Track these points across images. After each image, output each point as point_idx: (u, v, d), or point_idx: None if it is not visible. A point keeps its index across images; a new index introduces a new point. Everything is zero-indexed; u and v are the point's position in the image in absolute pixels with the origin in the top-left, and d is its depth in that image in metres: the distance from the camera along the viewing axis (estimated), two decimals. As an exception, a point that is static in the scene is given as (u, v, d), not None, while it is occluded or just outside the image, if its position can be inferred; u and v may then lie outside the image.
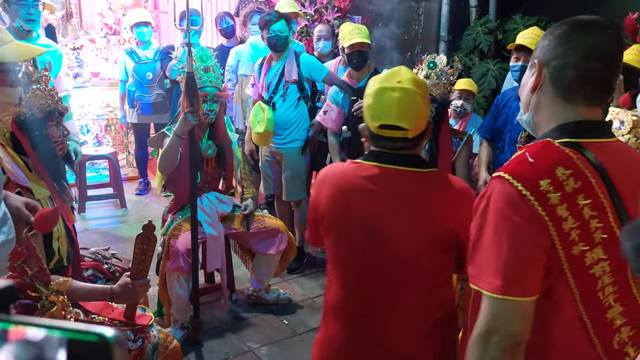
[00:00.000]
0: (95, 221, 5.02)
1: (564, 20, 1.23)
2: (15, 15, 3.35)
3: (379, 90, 1.53)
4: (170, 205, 3.32)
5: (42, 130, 2.01)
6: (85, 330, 0.38)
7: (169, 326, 3.09)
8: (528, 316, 1.11)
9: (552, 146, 1.16)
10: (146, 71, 5.26)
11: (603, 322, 1.14)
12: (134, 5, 6.94)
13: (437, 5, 5.90)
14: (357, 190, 1.56)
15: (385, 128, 1.52)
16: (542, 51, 1.21)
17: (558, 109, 1.20)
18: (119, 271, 2.48)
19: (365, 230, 1.54)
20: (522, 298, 1.10)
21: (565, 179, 1.11)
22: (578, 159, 1.14)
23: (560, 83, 1.19)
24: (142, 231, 1.99)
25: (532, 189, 1.10)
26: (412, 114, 1.51)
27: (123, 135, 6.12)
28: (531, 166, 1.14)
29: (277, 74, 3.79)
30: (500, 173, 1.15)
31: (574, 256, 1.11)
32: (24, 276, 0.98)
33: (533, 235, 1.11)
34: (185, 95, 2.94)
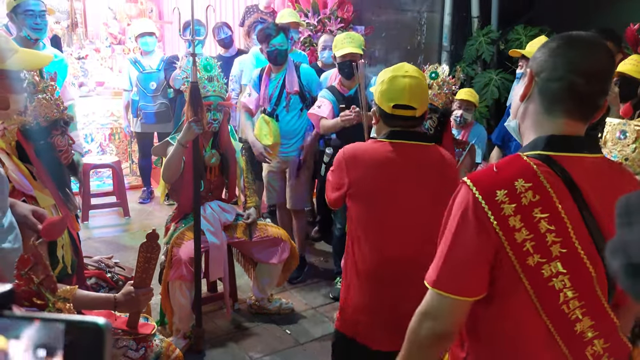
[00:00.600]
0: (98, 230, 5.03)
1: (560, 34, 1.25)
2: (22, 25, 3.38)
3: (392, 78, 1.94)
4: (174, 214, 3.33)
5: (47, 139, 2.02)
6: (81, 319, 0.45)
7: (171, 335, 3.09)
8: (458, 313, 1.20)
9: (519, 159, 1.20)
10: (150, 81, 5.29)
11: (572, 335, 1.16)
12: (138, 15, 7.00)
13: (439, 16, 5.93)
14: (386, 164, 1.93)
15: (399, 108, 1.91)
16: (535, 62, 1.24)
17: (541, 120, 1.23)
18: (122, 280, 2.49)
19: (395, 196, 1.93)
20: (453, 295, 1.18)
21: (524, 191, 1.14)
22: (542, 172, 1.16)
23: (545, 94, 1.21)
24: (145, 240, 2.00)
25: (488, 197, 1.15)
26: (420, 96, 1.94)
27: (127, 144, 6.15)
28: (493, 176, 1.18)
29: (277, 85, 3.82)
30: (465, 178, 1.21)
31: (529, 267, 1.14)
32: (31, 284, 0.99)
33: (480, 242, 1.16)
34: (189, 104, 2.96)
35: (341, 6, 5.35)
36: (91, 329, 0.45)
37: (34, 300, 0.99)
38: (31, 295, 0.99)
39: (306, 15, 5.39)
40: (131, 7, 7.11)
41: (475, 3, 5.85)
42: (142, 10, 7.15)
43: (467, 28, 5.97)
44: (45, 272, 1.00)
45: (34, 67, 1.90)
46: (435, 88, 2.92)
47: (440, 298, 1.19)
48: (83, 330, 0.44)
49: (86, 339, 0.44)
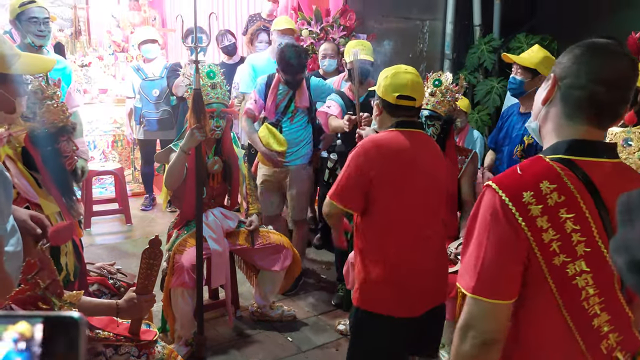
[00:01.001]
0: (100, 236, 5.04)
1: (585, 40, 1.28)
2: (27, 32, 3.40)
3: (395, 73, 2.24)
4: (176, 221, 3.33)
5: (54, 145, 2.03)
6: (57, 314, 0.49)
7: (173, 342, 3.08)
8: (500, 318, 1.20)
9: (541, 161, 1.23)
10: (152, 88, 5.31)
11: (589, 329, 1.19)
12: (142, 23, 7.04)
13: (441, 24, 5.95)
14: (403, 150, 2.18)
15: (402, 99, 2.18)
16: (560, 67, 1.26)
17: (562, 124, 1.25)
18: (124, 286, 2.49)
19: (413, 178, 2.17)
20: (493, 300, 1.18)
21: (549, 192, 1.17)
22: (566, 174, 1.19)
23: (567, 100, 1.23)
24: (148, 246, 2.00)
25: (515, 199, 1.17)
26: (419, 89, 2.25)
27: (129, 152, 6.17)
28: (518, 178, 1.21)
29: (285, 97, 3.79)
30: (490, 182, 1.22)
31: (555, 266, 1.17)
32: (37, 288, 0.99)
33: (511, 243, 1.17)
34: (192, 111, 2.97)
35: (344, 14, 5.36)
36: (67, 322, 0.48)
37: (39, 304, 0.99)
38: (37, 300, 0.99)
39: (309, 23, 5.41)
40: (134, 15, 7.16)
41: (478, 11, 5.87)
42: (145, 18, 7.19)
43: (469, 36, 5.98)
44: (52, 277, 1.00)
45: (39, 71, 1.91)
46: (439, 96, 2.92)
47: (482, 305, 1.19)
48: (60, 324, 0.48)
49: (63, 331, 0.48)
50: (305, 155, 3.90)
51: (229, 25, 6.33)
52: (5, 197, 1.52)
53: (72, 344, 0.47)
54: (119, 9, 7.02)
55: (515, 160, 3.12)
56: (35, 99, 2.03)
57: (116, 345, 2.00)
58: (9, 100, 1.61)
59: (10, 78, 1.61)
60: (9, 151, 1.97)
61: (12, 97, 1.62)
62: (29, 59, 1.74)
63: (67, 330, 0.48)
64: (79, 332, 0.48)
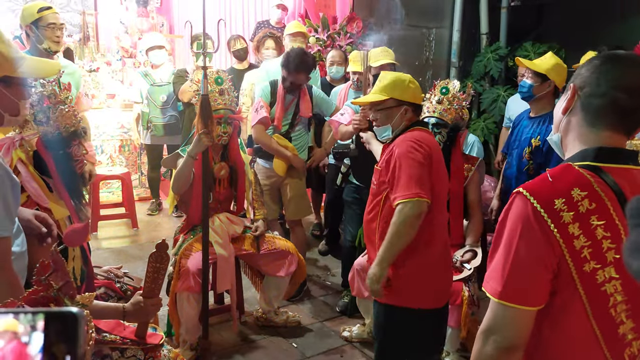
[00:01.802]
0: (107, 240, 5.06)
1: (604, 52, 1.32)
2: (44, 37, 3.43)
3: (411, 78, 2.41)
4: (182, 225, 3.35)
5: (65, 149, 2.06)
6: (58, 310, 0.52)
7: (178, 347, 3.09)
8: (525, 324, 1.21)
9: (571, 169, 1.23)
10: (160, 93, 5.34)
11: (615, 337, 1.19)
12: (150, 29, 7.09)
13: (448, 32, 5.97)
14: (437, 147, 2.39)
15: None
16: (579, 77, 1.28)
17: (584, 133, 1.26)
18: (130, 290, 2.50)
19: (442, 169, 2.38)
20: (520, 306, 1.19)
21: (580, 199, 1.17)
22: (596, 182, 1.19)
23: (588, 109, 1.25)
24: (155, 250, 2.01)
25: (547, 206, 1.17)
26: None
27: (136, 156, 6.20)
28: (549, 185, 1.21)
29: (290, 107, 3.82)
30: (520, 189, 1.22)
31: (585, 273, 1.17)
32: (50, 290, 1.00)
33: (542, 251, 1.18)
34: (199, 117, 2.99)
35: (350, 22, 5.39)
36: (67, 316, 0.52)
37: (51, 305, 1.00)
38: (49, 301, 1.00)
39: (316, 31, 5.45)
40: (142, 21, 7.21)
41: (484, 20, 5.89)
42: (153, 25, 7.24)
43: (475, 44, 6.00)
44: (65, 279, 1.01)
45: (44, 75, 1.93)
46: (446, 103, 2.93)
47: (506, 310, 1.19)
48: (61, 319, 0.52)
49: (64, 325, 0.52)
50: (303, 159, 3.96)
51: (236, 32, 6.37)
52: (13, 199, 1.54)
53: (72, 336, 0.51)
54: (127, 15, 7.06)
55: (524, 163, 3.13)
56: (48, 103, 2.05)
57: (122, 349, 2.01)
58: (14, 102, 1.63)
59: (15, 81, 1.63)
60: (21, 155, 1.99)
61: (16, 99, 1.63)
62: (34, 62, 1.76)
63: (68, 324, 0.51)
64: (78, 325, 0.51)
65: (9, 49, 1.61)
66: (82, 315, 0.52)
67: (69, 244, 1.79)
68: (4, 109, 1.61)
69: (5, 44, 1.61)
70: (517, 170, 3.19)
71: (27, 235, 1.81)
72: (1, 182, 1.51)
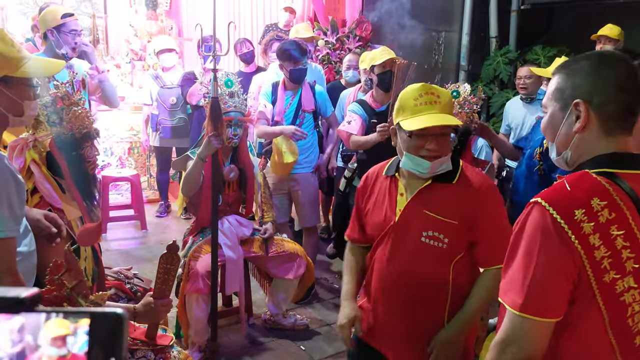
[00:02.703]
0: (116, 242, 5.08)
1: (580, 56, 1.26)
2: (65, 43, 3.47)
3: None
4: (192, 227, 3.36)
5: (78, 150, 2.07)
6: (102, 311, 0.52)
7: (187, 348, 3.09)
8: (543, 335, 1.19)
9: (589, 177, 1.20)
10: (170, 96, 5.37)
11: (631, 347, 1.18)
12: (159, 32, 7.12)
13: (457, 35, 5.97)
14: None
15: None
16: (580, 90, 1.23)
17: (598, 141, 1.23)
18: (140, 291, 2.51)
19: None
20: (540, 318, 1.17)
21: (600, 209, 1.15)
22: (614, 190, 1.17)
23: (603, 117, 1.22)
24: (166, 251, 2.01)
25: (567, 217, 1.15)
26: None
27: (145, 158, 6.23)
28: (568, 195, 1.18)
29: (292, 102, 3.82)
30: (538, 199, 1.19)
31: (605, 283, 1.15)
32: (63, 289, 1.01)
33: (562, 262, 1.15)
34: (209, 119, 3.00)
35: (360, 25, 5.40)
36: (112, 317, 0.51)
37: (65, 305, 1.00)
38: (62, 300, 1.01)
39: (325, 34, 5.46)
40: (152, 24, 7.24)
41: (494, 23, 5.88)
42: (162, 28, 7.27)
43: (485, 48, 5.99)
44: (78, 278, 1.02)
45: (47, 73, 1.93)
46: (456, 107, 2.92)
47: (526, 322, 1.17)
48: (105, 319, 0.51)
49: (108, 326, 0.51)
50: (312, 162, 3.94)
51: (245, 35, 6.39)
52: (18, 200, 1.54)
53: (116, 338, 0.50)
54: (136, 18, 7.10)
55: (535, 163, 3.10)
56: (62, 104, 2.07)
57: (132, 349, 2.02)
58: (17, 103, 1.62)
59: (18, 81, 1.62)
60: (35, 155, 2.01)
61: (20, 100, 1.63)
62: (37, 62, 1.75)
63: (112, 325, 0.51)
64: (123, 327, 0.51)
65: (10, 49, 1.60)
66: (127, 316, 0.52)
67: (82, 243, 1.81)
68: (6, 110, 1.61)
69: (6, 43, 1.60)
70: (527, 169, 3.17)
71: (37, 235, 1.82)
72: (6, 182, 1.51)
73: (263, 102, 3.86)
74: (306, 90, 3.85)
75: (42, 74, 1.91)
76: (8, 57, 1.59)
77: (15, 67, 1.61)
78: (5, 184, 1.52)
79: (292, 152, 3.69)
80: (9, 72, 1.60)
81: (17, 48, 1.65)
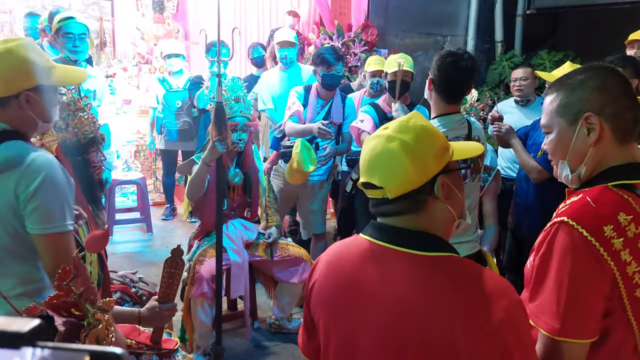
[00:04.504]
0: (121, 245, 5.10)
1: (575, 71, 1.27)
2: (63, 47, 3.51)
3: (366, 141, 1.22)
4: (197, 231, 3.37)
5: (84, 155, 2.09)
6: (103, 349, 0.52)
7: (191, 352, 3.10)
8: (581, 356, 1.17)
9: (610, 191, 1.20)
10: (175, 99, 5.41)
11: None
12: (165, 35, 7.16)
13: (462, 40, 5.97)
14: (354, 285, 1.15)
15: (365, 187, 1.19)
16: (588, 103, 1.23)
17: (611, 152, 1.23)
18: (145, 295, 2.52)
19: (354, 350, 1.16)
20: (577, 340, 1.15)
21: (627, 224, 1.15)
22: (636, 202, 1.17)
23: (618, 128, 1.22)
24: (170, 255, 2.02)
25: (597, 235, 1.14)
26: (383, 166, 1.13)
27: (151, 162, 6.25)
28: (594, 212, 1.17)
29: (321, 111, 3.75)
30: (564, 218, 1.18)
31: (636, 298, 1.15)
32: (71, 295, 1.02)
33: (595, 280, 1.14)
34: (214, 124, 3.01)
35: (365, 29, 5.42)
36: (111, 357, 0.51)
37: (72, 310, 1.02)
38: (70, 306, 1.02)
39: (330, 38, 5.47)
40: (158, 27, 7.28)
41: (499, 27, 5.88)
42: (169, 31, 7.31)
43: (490, 52, 5.99)
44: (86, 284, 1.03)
45: (72, 82, 1.98)
46: (463, 113, 2.92)
47: (564, 345, 1.15)
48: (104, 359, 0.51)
49: None
50: (327, 170, 3.91)
51: (251, 40, 6.41)
52: (72, 198, 1.69)
53: None
54: (143, 22, 7.14)
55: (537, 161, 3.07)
56: (68, 110, 2.09)
57: (138, 353, 2.03)
58: (46, 110, 1.69)
59: (46, 89, 1.68)
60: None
61: (48, 107, 1.69)
62: (64, 71, 1.82)
63: None
64: None
65: (41, 59, 1.67)
66: (126, 356, 0.52)
67: (89, 250, 1.83)
68: (37, 116, 1.68)
69: (37, 53, 1.66)
70: None
71: None
72: (65, 183, 1.65)
73: (294, 100, 3.75)
74: (337, 102, 3.76)
75: (70, 82, 1.98)
76: (40, 67, 1.66)
77: (46, 77, 1.67)
78: (65, 184, 1.65)
79: (312, 161, 3.58)
80: (40, 81, 1.65)
81: (46, 58, 1.71)
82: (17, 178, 1.57)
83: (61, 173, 1.65)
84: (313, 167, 3.57)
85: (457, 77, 2.36)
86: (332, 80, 3.63)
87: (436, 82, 2.37)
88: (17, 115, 1.64)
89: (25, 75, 1.63)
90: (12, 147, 1.62)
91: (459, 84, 2.38)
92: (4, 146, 1.61)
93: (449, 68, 2.34)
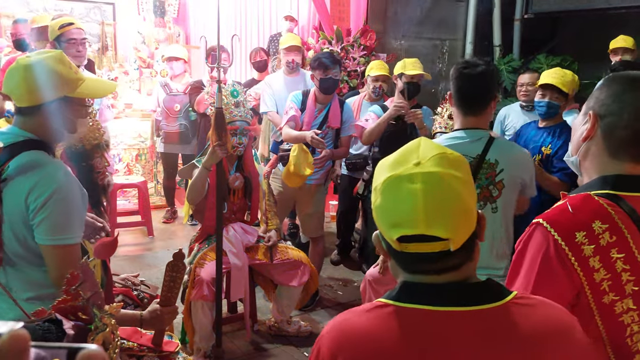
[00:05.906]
0: (122, 248, 5.12)
1: (620, 74, 1.29)
2: (66, 53, 3.54)
3: (391, 182, 0.98)
4: (197, 235, 3.41)
5: (88, 161, 2.14)
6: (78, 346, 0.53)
7: (192, 354, 3.14)
8: None
9: (591, 200, 1.22)
10: (174, 103, 5.47)
11: None
12: (166, 39, 7.21)
13: (461, 44, 6.01)
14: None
15: (411, 241, 0.96)
16: (598, 104, 1.26)
17: (605, 161, 1.26)
18: (147, 298, 2.56)
19: None
20: None
21: (601, 232, 1.18)
22: (616, 213, 1.19)
23: (611, 139, 1.24)
24: (172, 259, 2.06)
25: (568, 239, 1.17)
26: (448, 211, 0.93)
27: (152, 165, 6.30)
28: (570, 217, 1.20)
29: (318, 116, 3.78)
30: (540, 220, 1.22)
31: (604, 304, 1.18)
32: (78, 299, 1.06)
33: (561, 283, 1.18)
34: (214, 129, 3.05)
35: (364, 34, 5.46)
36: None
37: (79, 315, 1.06)
38: (77, 310, 1.06)
39: (329, 43, 5.51)
40: (159, 31, 7.32)
41: (497, 31, 5.92)
42: (170, 35, 7.35)
43: (488, 56, 6.03)
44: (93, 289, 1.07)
45: (101, 95, 2.04)
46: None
47: None
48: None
49: None
50: (324, 173, 3.95)
51: (251, 44, 6.46)
52: (84, 210, 1.73)
53: None
54: (144, 26, 7.19)
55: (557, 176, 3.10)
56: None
57: (139, 355, 2.06)
58: (72, 121, 1.73)
59: (75, 101, 1.73)
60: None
61: (75, 118, 1.74)
62: (92, 83, 1.87)
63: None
64: None
65: (69, 71, 1.72)
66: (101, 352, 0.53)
67: (98, 256, 1.87)
68: (63, 127, 1.72)
69: (65, 65, 1.71)
70: None
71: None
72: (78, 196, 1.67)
73: (291, 105, 3.78)
74: (335, 106, 3.79)
75: (97, 94, 2.02)
76: (67, 79, 1.71)
77: (73, 88, 1.72)
78: (77, 197, 1.67)
79: (309, 165, 3.61)
80: (68, 92, 1.70)
81: (74, 70, 1.75)
82: (29, 187, 1.60)
83: (76, 187, 1.68)
84: (310, 171, 3.60)
85: (469, 87, 2.20)
86: (329, 84, 3.67)
87: (453, 93, 2.27)
88: (43, 124, 1.68)
89: (53, 86, 1.67)
90: (31, 156, 1.65)
91: (472, 94, 2.21)
92: (24, 155, 1.64)
93: (462, 77, 2.21)
